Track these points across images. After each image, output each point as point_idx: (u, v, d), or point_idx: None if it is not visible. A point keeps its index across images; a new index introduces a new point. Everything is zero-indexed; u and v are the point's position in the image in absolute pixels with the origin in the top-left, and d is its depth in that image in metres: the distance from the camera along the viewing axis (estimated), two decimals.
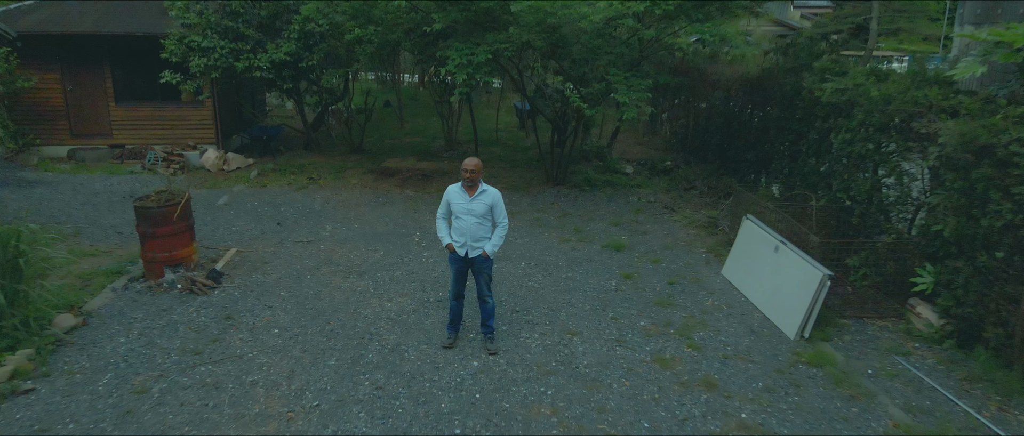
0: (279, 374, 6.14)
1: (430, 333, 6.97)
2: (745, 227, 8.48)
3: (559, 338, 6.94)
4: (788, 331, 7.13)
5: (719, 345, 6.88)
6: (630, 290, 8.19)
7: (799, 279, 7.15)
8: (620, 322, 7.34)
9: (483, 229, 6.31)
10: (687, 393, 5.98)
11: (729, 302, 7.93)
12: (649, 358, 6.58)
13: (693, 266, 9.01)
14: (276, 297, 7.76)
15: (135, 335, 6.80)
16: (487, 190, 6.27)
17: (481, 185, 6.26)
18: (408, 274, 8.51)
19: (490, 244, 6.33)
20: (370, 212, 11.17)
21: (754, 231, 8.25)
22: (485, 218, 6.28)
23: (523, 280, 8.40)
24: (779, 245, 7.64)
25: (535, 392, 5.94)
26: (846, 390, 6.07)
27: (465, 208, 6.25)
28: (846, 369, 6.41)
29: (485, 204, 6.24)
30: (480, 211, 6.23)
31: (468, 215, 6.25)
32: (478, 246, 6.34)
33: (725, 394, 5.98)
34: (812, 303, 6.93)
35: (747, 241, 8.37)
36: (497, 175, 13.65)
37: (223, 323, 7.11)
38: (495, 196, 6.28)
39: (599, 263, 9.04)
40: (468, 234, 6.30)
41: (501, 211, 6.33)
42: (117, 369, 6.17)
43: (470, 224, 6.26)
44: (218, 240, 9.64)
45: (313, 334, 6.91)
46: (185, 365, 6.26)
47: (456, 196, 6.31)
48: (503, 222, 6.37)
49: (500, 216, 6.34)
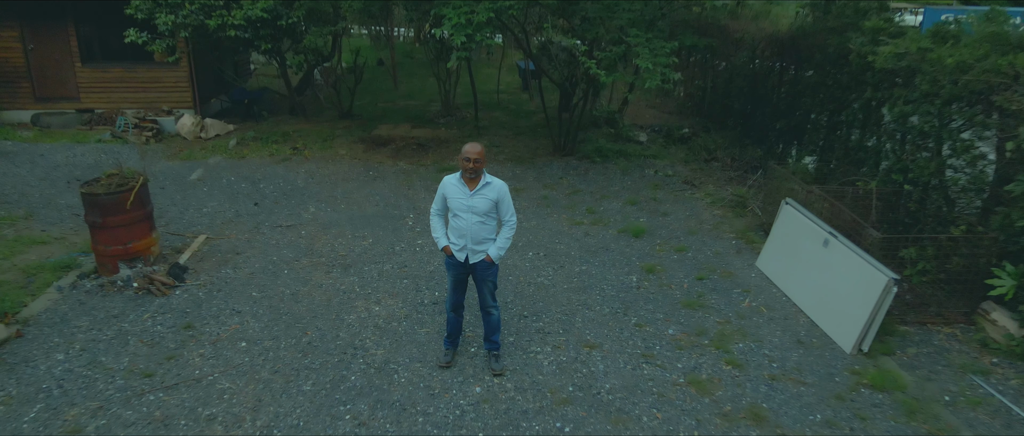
0: (243, 405, 5.11)
1: (424, 347, 5.93)
2: (785, 214, 7.36)
3: (575, 352, 5.89)
4: (843, 343, 6.08)
5: (763, 361, 5.84)
6: (654, 287, 7.12)
7: (857, 282, 6.07)
8: (645, 330, 6.29)
9: (486, 229, 5.21)
10: (732, 428, 4.96)
11: (769, 303, 6.87)
12: (683, 379, 5.55)
13: (723, 256, 7.92)
14: (246, 298, 6.69)
15: (76, 351, 5.75)
16: (491, 183, 5.15)
17: (484, 176, 5.14)
18: (400, 268, 7.43)
19: (495, 247, 5.24)
20: (359, 189, 10.03)
21: (796, 219, 7.14)
22: (489, 216, 5.18)
23: (531, 275, 7.32)
24: (829, 238, 6.55)
25: (549, 430, 4.91)
26: (923, 424, 5.05)
27: (465, 205, 5.14)
28: (918, 395, 5.38)
29: (489, 200, 5.13)
30: (483, 208, 5.12)
31: (468, 213, 5.14)
32: (480, 250, 5.25)
33: (777, 430, 4.95)
34: (874, 312, 5.87)
35: (787, 230, 7.27)
36: (500, 144, 12.48)
37: (182, 334, 6.05)
38: (501, 190, 5.16)
39: (616, 252, 7.96)
40: (469, 236, 5.20)
41: (508, 207, 5.23)
42: (49, 398, 5.14)
43: (471, 224, 5.15)
44: (186, 224, 8.53)
45: (287, 348, 5.86)
46: (131, 392, 5.22)
47: (454, 190, 5.19)
48: (511, 221, 5.27)
49: (507, 213, 5.24)
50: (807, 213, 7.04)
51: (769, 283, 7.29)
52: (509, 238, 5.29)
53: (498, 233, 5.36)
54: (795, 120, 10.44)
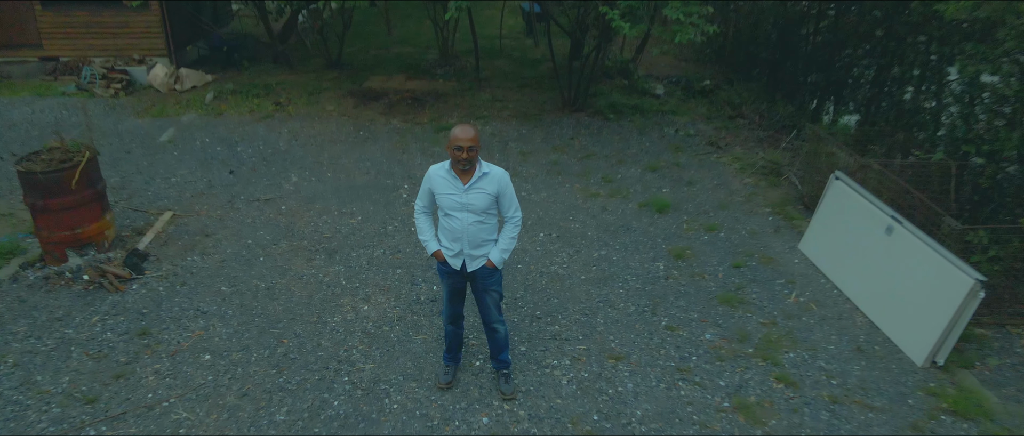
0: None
1: (420, 359, 5.01)
2: (834, 191, 6.35)
3: (599, 366, 4.98)
4: (913, 353, 5.17)
5: (820, 376, 4.94)
6: (685, 277, 6.18)
7: (930, 281, 5.13)
8: (678, 334, 5.38)
9: (486, 229, 4.22)
10: None
11: (818, 297, 5.94)
12: (727, 403, 4.66)
13: (760, 236, 6.95)
14: (214, 294, 5.75)
15: (8, 366, 4.85)
16: (489, 173, 4.12)
17: (480, 166, 4.09)
18: (392, 253, 6.47)
19: (497, 250, 4.26)
20: (347, 153, 8.98)
21: (848, 197, 6.13)
22: (488, 214, 4.18)
23: (544, 262, 6.36)
24: (893, 225, 5.55)
25: None
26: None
27: (458, 202, 4.13)
28: (1011, 425, 4.48)
29: (487, 195, 4.11)
30: (481, 205, 4.12)
31: (463, 212, 4.14)
32: (480, 254, 4.28)
33: None
34: (953, 320, 4.95)
35: (837, 210, 6.27)
36: (504, 98, 11.35)
37: (135, 343, 5.13)
38: (501, 181, 4.15)
39: (639, 232, 6.98)
40: (465, 239, 4.21)
41: (511, 201, 4.21)
42: None
43: (466, 225, 4.16)
44: (152, 197, 7.52)
45: (259, 362, 4.94)
46: (68, 426, 4.32)
47: (443, 185, 4.17)
48: (515, 217, 4.26)
49: (510, 208, 4.23)
50: (861, 190, 6.02)
51: (816, 271, 6.34)
52: (514, 237, 4.30)
53: (500, 232, 4.35)
54: (834, 74, 9.30)
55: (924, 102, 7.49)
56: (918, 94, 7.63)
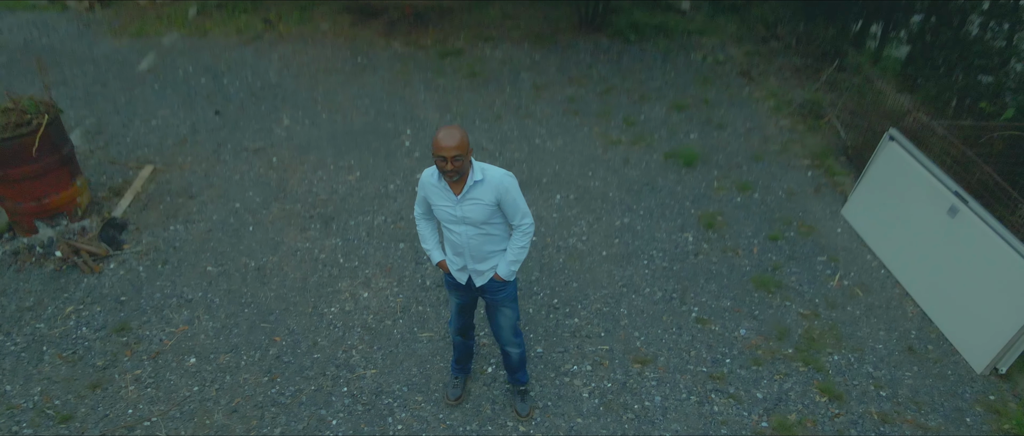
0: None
1: (425, 364, 4.55)
2: (888, 154, 5.63)
3: (623, 373, 4.52)
4: (971, 357, 4.68)
5: (868, 385, 4.48)
6: (716, 252, 5.61)
7: (1000, 277, 4.55)
8: (710, 329, 4.87)
9: (491, 240, 3.60)
10: None
11: (864, 278, 5.39)
12: (766, 423, 4.21)
13: (798, 198, 6.31)
14: (199, 276, 5.23)
15: None
16: (484, 180, 3.42)
17: (473, 172, 3.40)
18: (394, 221, 5.87)
19: (504, 262, 3.65)
20: (344, 86, 8.17)
21: (905, 165, 5.42)
22: (490, 225, 3.53)
23: (561, 232, 5.77)
24: (958, 205, 4.89)
25: None
26: None
27: (452, 215, 3.49)
28: None
29: (484, 205, 3.45)
30: (479, 216, 3.48)
31: (461, 225, 3.50)
32: (487, 268, 3.68)
33: None
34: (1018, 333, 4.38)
35: (891, 177, 5.59)
36: (514, 14, 10.34)
37: (113, 341, 4.66)
38: (501, 186, 3.44)
39: (665, 192, 6.34)
40: (466, 252, 3.61)
41: (516, 207, 3.53)
42: None
43: (467, 238, 3.54)
44: (130, 144, 6.85)
45: (249, 367, 4.49)
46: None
47: (436, 194, 3.51)
48: (523, 224, 3.60)
49: (516, 215, 3.56)
50: (921, 157, 5.29)
51: (861, 244, 5.75)
52: (524, 247, 3.66)
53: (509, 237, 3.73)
54: None
55: (993, 41, 6.58)
56: (985, 30, 6.71)
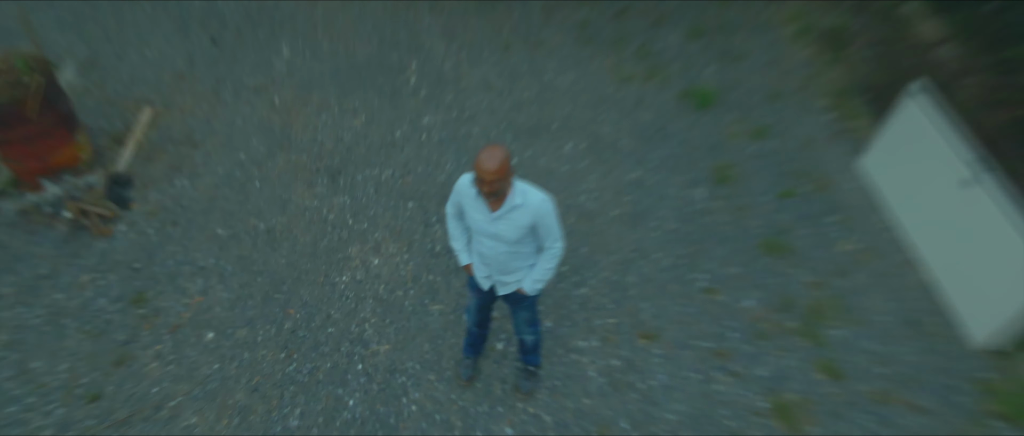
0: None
1: (437, 339, 4.70)
2: (908, 113, 5.43)
3: (630, 349, 4.67)
4: (970, 333, 4.79)
5: (866, 362, 4.64)
6: (727, 211, 5.60)
7: (1005, 256, 4.52)
8: (717, 299, 4.98)
9: (520, 256, 3.62)
10: None
11: (874, 243, 5.41)
12: (765, 402, 4.42)
13: (814, 146, 6.19)
14: (210, 241, 5.28)
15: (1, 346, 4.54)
16: (524, 205, 3.38)
17: (515, 194, 3.36)
18: (402, 174, 5.83)
19: (530, 279, 3.69)
20: (345, 8, 7.75)
21: (923, 126, 5.23)
22: (521, 243, 3.53)
23: (571, 188, 5.74)
24: (970, 179, 4.80)
25: None
26: None
27: (486, 230, 3.48)
28: None
29: (520, 227, 3.43)
30: (512, 236, 3.47)
31: (492, 240, 3.50)
32: (511, 280, 3.72)
33: None
34: (1019, 316, 4.46)
35: (908, 137, 5.43)
36: None
37: (131, 313, 4.81)
38: (539, 212, 3.41)
39: (677, 140, 6.22)
40: (493, 264, 3.64)
41: (550, 230, 3.53)
42: None
43: (496, 253, 3.55)
44: (126, 81, 6.62)
45: (266, 343, 4.66)
46: (79, 431, 4.15)
47: (471, 204, 3.48)
48: (554, 247, 3.61)
49: (548, 237, 3.57)
50: (940, 121, 5.08)
51: (874, 203, 5.70)
52: (552, 269, 3.69)
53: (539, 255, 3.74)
54: None
55: None
56: None
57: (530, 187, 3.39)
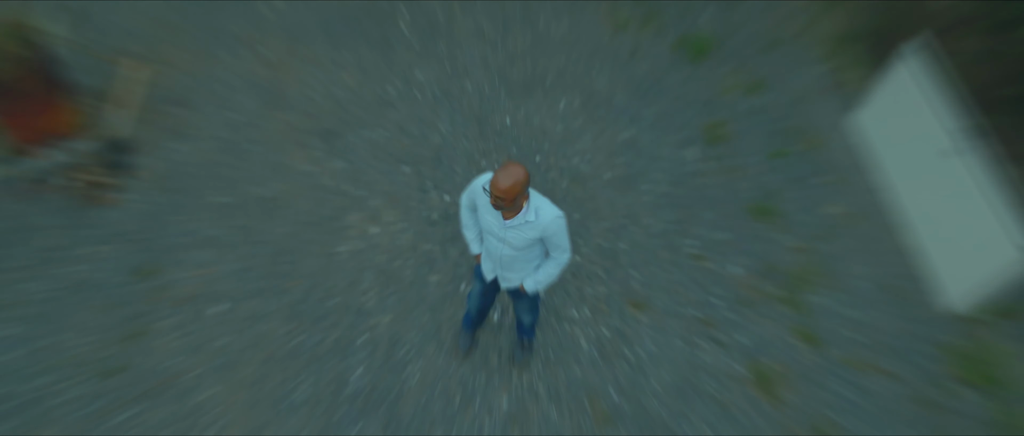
0: (237, 426, 4.41)
1: (437, 310, 4.94)
2: (898, 77, 5.44)
3: (620, 318, 4.92)
4: (946, 293, 5.01)
5: (843, 328, 4.94)
6: (717, 174, 5.72)
7: (977, 226, 4.72)
8: (704, 266, 5.20)
9: (524, 261, 3.78)
10: None
11: (859, 205, 5.59)
12: (746, 370, 4.73)
13: (807, 101, 6.22)
14: (214, 211, 5.39)
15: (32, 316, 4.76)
16: (535, 221, 3.47)
17: (529, 210, 3.46)
18: (396, 137, 5.87)
19: (532, 280, 3.86)
20: None
21: (911, 93, 5.27)
22: (528, 251, 3.69)
23: (564, 150, 5.82)
24: (949, 150, 4.92)
25: None
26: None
27: (495, 233, 3.62)
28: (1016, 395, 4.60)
29: (528, 239, 3.57)
30: (519, 244, 3.61)
31: (500, 243, 3.66)
32: (514, 276, 3.90)
33: None
34: (987, 280, 4.70)
35: (897, 102, 5.48)
36: None
37: (141, 286, 4.99)
38: (549, 229, 3.50)
39: (672, 95, 6.23)
40: (498, 262, 3.81)
41: (558, 244, 3.64)
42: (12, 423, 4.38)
43: (502, 253, 3.71)
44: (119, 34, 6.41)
45: (273, 314, 4.89)
46: (106, 403, 4.44)
47: (484, 205, 3.61)
48: (561, 258, 3.74)
49: (557, 250, 3.69)
50: (929, 88, 5.11)
51: (862, 162, 5.81)
52: (554, 275, 3.84)
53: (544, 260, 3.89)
54: None
55: None
56: None
57: (545, 203, 3.46)
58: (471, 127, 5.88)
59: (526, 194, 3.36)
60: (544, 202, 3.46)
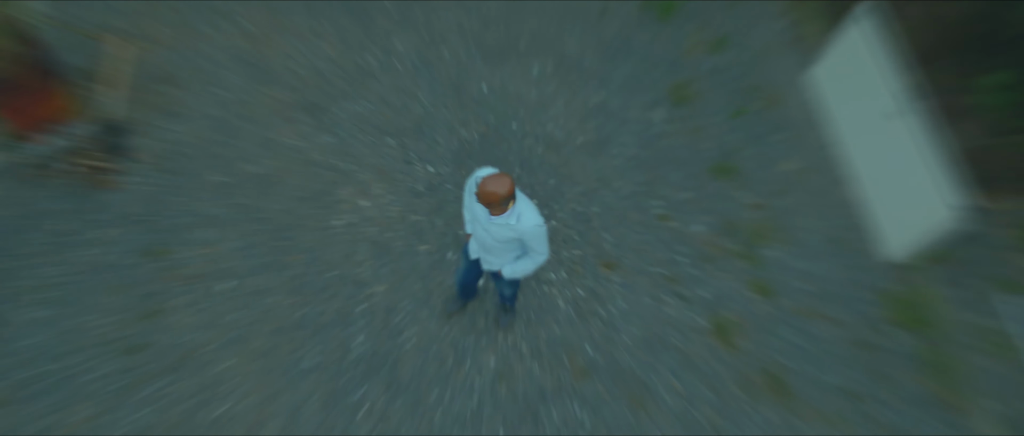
0: (253, 396, 4.95)
1: (427, 278, 5.44)
2: (849, 38, 5.78)
3: (593, 279, 5.47)
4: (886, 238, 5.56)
5: (793, 279, 5.52)
6: (682, 134, 6.13)
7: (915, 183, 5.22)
8: (669, 225, 5.71)
9: (505, 251, 4.23)
10: (751, 407, 5.03)
11: (812, 160, 6.06)
12: (707, 322, 5.33)
13: (768, 57, 6.56)
14: (212, 190, 5.72)
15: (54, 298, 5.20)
16: (518, 226, 3.87)
17: (511, 214, 3.86)
18: (380, 110, 6.17)
19: (510, 267, 4.34)
20: None
21: (861, 54, 5.63)
22: (508, 245, 4.15)
23: (538, 116, 6.17)
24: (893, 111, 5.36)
25: (570, 419, 4.96)
26: (940, 390, 5.10)
27: (481, 222, 4.08)
28: (947, 338, 5.26)
29: (507, 237, 4.03)
30: (502, 237, 4.07)
31: (484, 232, 4.13)
32: (493, 261, 4.38)
33: (794, 407, 5.03)
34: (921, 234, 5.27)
35: (848, 63, 5.84)
36: None
37: (150, 266, 5.40)
38: (528, 233, 3.89)
39: (639, 55, 6.53)
40: (482, 245, 4.29)
41: (536, 248, 4.06)
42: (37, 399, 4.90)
43: (485, 241, 4.19)
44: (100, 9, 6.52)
45: (277, 289, 5.36)
46: (130, 378, 4.96)
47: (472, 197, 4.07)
48: (537, 258, 4.18)
49: (534, 251, 4.13)
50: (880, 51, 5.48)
51: (816, 118, 6.23)
52: (530, 269, 4.27)
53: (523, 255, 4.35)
54: None
55: None
56: None
57: (528, 210, 3.85)
58: (450, 96, 6.18)
59: (512, 199, 3.77)
60: (528, 209, 3.87)
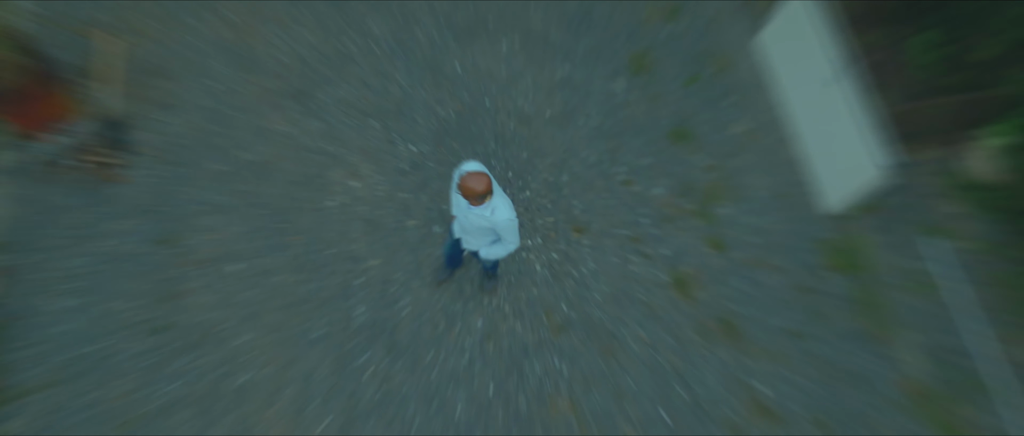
0: (270, 366, 5.63)
1: (417, 250, 6.05)
2: (789, 13, 6.30)
3: (565, 243, 6.12)
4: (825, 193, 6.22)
5: (744, 234, 6.20)
6: (641, 103, 6.67)
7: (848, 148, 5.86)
8: (632, 189, 6.33)
9: (482, 236, 4.83)
10: (707, 350, 5.80)
11: (760, 122, 6.64)
12: (668, 277, 6.03)
13: (719, 25, 7.02)
14: (213, 179, 6.18)
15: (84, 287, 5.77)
16: (491, 218, 4.43)
17: (487, 207, 4.41)
18: (362, 94, 6.62)
19: (486, 250, 4.95)
20: None
21: (802, 23, 6.15)
22: (484, 231, 4.77)
23: (509, 91, 6.65)
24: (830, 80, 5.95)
25: (550, 370, 5.70)
26: (869, 326, 5.89)
27: (462, 208, 4.68)
28: (876, 280, 6.03)
29: (482, 226, 4.64)
30: (479, 225, 4.69)
31: (464, 219, 4.74)
32: (472, 242, 5.00)
33: (744, 348, 5.81)
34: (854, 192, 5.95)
35: (790, 30, 6.37)
36: None
37: (163, 253, 5.94)
38: (501, 227, 4.47)
39: (601, 27, 6.98)
40: (463, 229, 4.91)
41: (508, 238, 4.62)
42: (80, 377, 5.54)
43: (465, 223, 4.80)
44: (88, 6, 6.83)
45: (282, 268, 5.96)
46: (160, 355, 5.61)
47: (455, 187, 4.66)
48: (510, 246, 4.75)
49: (507, 241, 4.70)
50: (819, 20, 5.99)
51: (763, 81, 6.79)
52: (502, 255, 4.86)
53: None
54: None
55: None
56: None
57: (503, 205, 4.39)
58: (426, 77, 6.63)
59: (490, 194, 4.34)
60: (503, 204, 4.44)
